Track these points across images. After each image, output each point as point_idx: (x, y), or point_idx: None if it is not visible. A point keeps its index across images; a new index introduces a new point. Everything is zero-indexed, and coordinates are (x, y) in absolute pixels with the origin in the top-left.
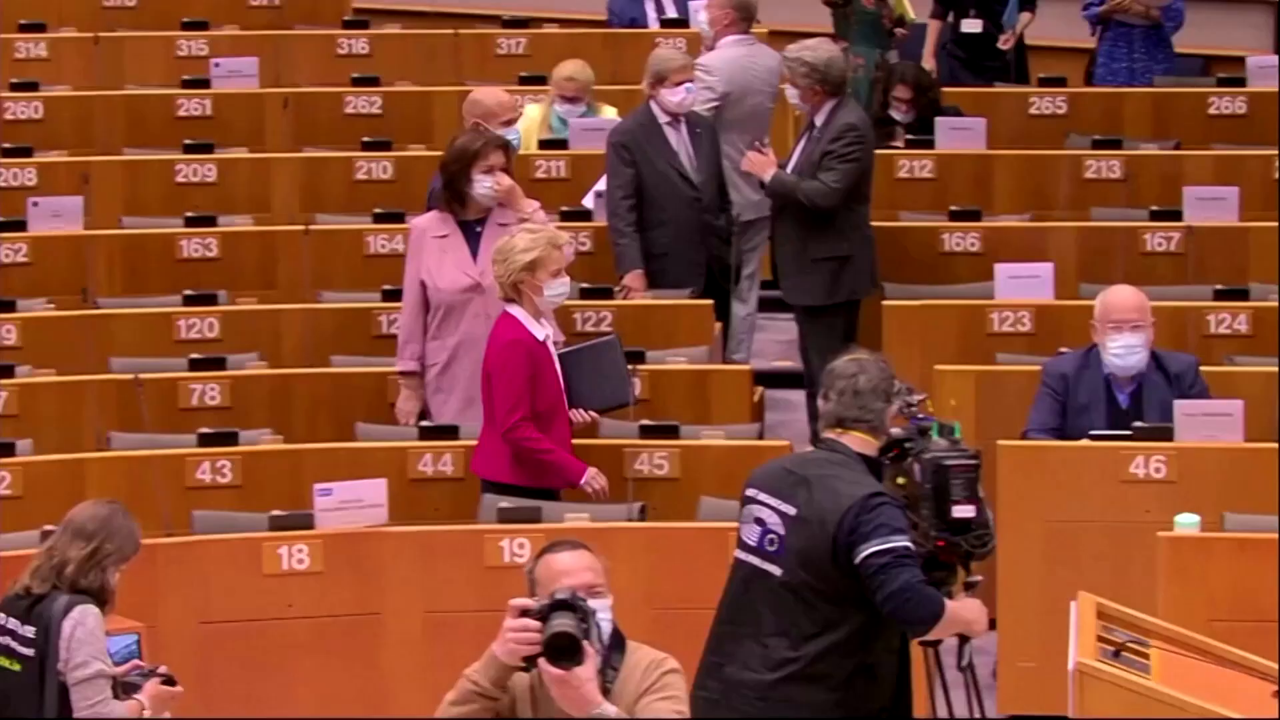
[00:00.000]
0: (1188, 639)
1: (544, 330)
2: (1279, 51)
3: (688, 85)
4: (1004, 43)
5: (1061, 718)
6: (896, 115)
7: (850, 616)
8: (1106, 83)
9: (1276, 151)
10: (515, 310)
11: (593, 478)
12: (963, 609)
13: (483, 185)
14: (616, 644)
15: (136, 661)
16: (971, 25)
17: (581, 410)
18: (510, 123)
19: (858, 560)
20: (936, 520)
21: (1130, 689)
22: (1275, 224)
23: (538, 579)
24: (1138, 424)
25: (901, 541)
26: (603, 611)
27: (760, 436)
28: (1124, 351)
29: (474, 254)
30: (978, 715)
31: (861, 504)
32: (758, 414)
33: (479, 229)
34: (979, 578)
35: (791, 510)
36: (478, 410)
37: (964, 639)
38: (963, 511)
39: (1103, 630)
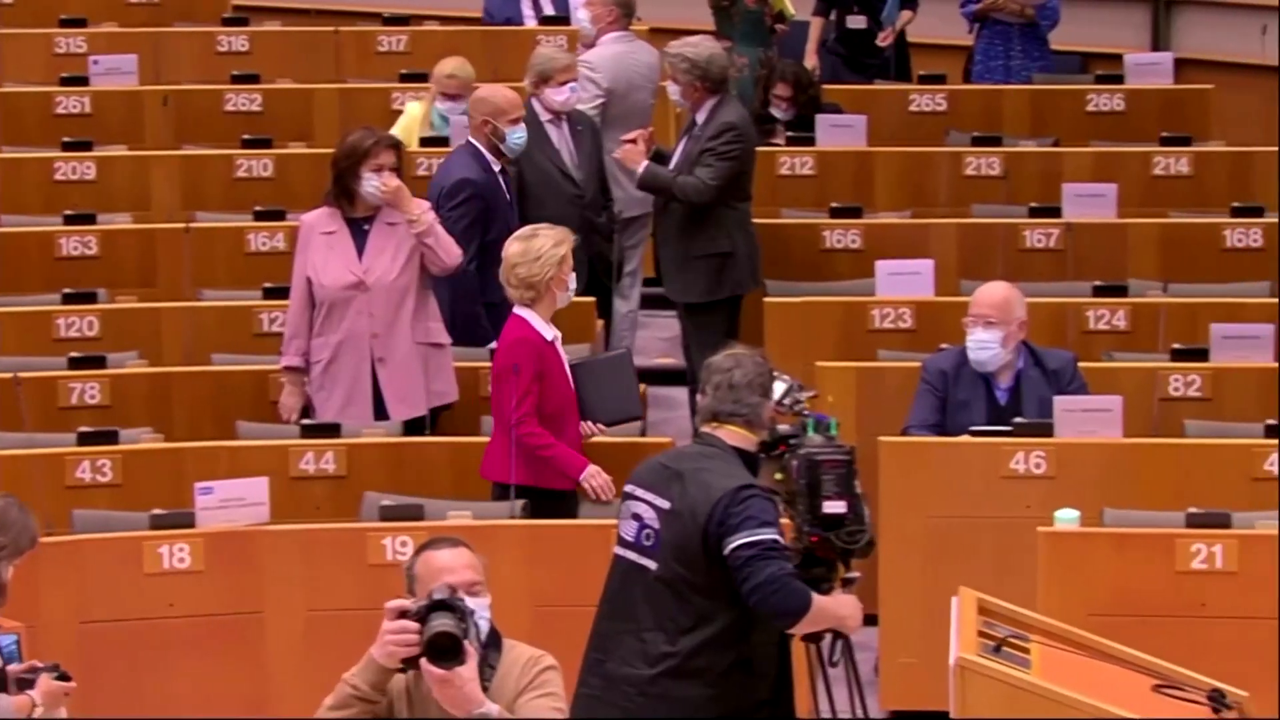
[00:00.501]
0: (1068, 634)
1: (553, 331)
2: (1157, 49)
3: (571, 84)
4: (883, 40)
5: (943, 713)
6: (777, 113)
7: (723, 610)
8: (983, 80)
9: (1154, 148)
10: (526, 312)
11: (590, 476)
12: (835, 604)
13: (370, 184)
14: (493, 642)
15: (33, 662)
16: (856, 22)
17: (590, 423)
18: (518, 120)
19: (726, 552)
20: (809, 516)
21: (1011, 684)
22: (1153, 220)
23: (417, 576)
24: (1018, 420)
25: (770, 534)
26: (481, 610)
27: (643, 434)
28: (974, 346)
29: (360, 252)
30: (859, 712)
31: (731, 496)
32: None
33: (366, 227)
34: (857, 574)
35: (666, 504)
36: (359, 408)
37: (837, 635)
38: (834, 507)
39: (984, 625)
